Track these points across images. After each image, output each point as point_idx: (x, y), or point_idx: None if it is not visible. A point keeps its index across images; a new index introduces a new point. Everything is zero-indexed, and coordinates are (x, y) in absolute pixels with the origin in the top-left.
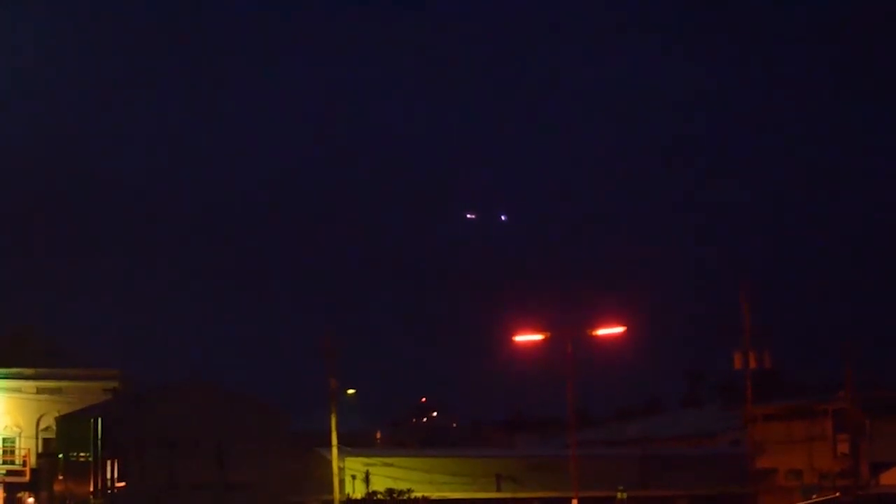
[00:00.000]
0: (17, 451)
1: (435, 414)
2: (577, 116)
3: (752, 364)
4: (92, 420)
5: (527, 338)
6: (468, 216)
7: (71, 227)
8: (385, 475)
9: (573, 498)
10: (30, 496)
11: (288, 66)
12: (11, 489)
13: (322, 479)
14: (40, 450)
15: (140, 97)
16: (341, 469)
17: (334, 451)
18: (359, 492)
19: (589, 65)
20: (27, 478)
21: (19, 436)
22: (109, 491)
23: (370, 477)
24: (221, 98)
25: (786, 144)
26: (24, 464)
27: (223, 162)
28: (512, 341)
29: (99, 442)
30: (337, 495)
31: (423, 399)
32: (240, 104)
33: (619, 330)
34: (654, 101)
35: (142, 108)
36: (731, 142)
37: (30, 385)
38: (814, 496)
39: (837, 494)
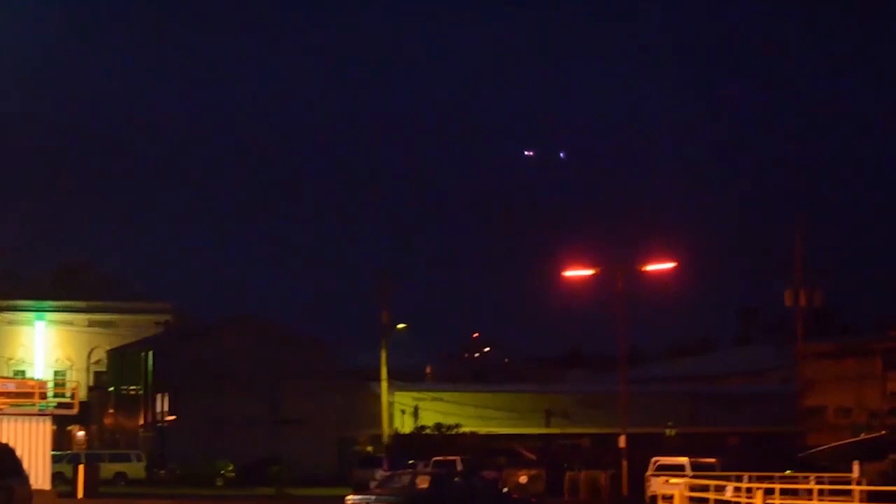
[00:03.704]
0: (67, 384)
1: (488, 349)
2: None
3: (803, 302)
4: (143, 353)
5: (576, 273)
6: (526, 153)
7: (125, 164)
8: (434, 410)
9: (621, 434)
10: (80, 429)
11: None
12: (61, 422)
13: (372, 414)
14: (91, 383)
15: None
16: (391, 404)
17: (384, 385)
18: (408, 426)
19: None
20: (76, 410)
21: (70, 369)
22: (159, 424)
23: (419, 412)
24: (277, 33)
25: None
26: (73, 396)
27: (276, 100)
28: (563, 277)
29: (150, 375)
30: (386, 429)
31: (476, 334)
32: (293, 38)
33: (669, 266)
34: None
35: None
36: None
37: (81, 318)
38: (862, 434)
39: (883, 432)
